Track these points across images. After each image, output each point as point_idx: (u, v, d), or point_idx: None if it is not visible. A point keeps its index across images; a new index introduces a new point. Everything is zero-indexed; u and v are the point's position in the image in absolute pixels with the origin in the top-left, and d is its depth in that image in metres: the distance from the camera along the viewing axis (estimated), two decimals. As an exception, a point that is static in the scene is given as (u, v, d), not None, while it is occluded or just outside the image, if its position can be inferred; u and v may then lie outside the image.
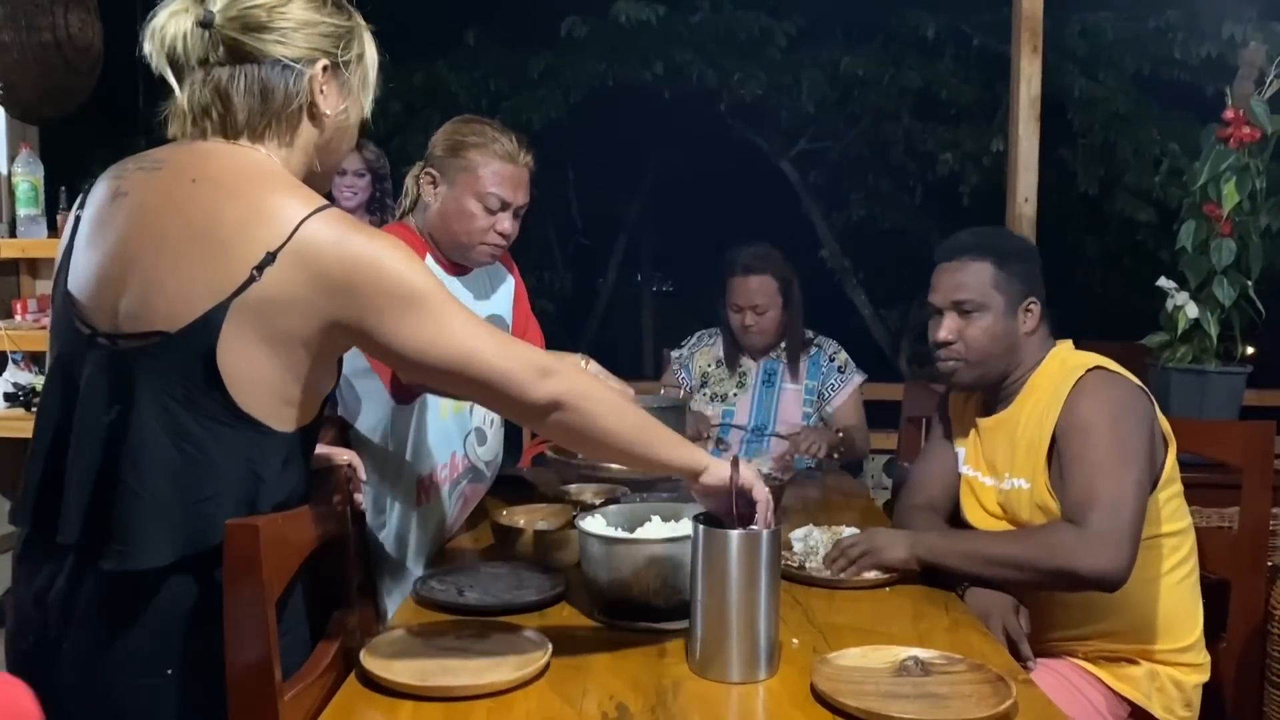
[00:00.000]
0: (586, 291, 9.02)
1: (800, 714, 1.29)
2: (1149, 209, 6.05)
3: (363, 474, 1.67)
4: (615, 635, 1.52)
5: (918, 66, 6.28)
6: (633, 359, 9.01)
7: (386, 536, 1.97)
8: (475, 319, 1.30)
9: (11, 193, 2.91)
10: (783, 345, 2.98)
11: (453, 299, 1.28)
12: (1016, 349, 1.88)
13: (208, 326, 1.18)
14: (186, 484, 1.20)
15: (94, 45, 3.03)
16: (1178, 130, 5.75)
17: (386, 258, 1.22)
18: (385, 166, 3.68)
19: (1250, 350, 2.93)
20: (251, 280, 1.18)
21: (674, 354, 3.14)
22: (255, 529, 1.17)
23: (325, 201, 1.24)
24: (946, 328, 1.89)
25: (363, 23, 1.35)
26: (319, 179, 1.35)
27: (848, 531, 1.90)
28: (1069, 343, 1.93)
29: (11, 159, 2.94)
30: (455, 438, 2.06)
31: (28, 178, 2.87)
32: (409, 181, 2.06)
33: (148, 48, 1.27)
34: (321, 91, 1.29)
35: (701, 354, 3.05)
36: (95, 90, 3.10)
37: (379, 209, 3.65)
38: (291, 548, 1.29)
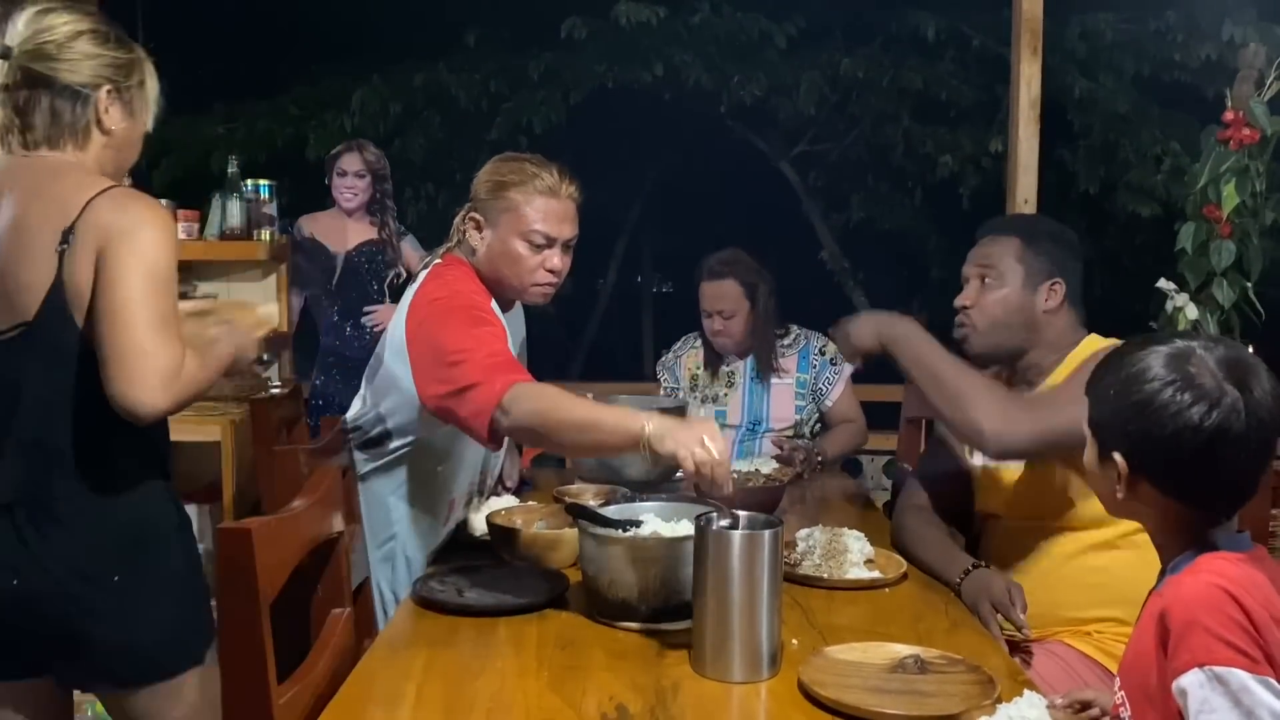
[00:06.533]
0: (587, 292, 9.01)
1: (799, 714, 1.28)
2: (1150, 205, 6.05)
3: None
4: (615, 635, 1.52)
5: (917, 68, 6.29)
6: (632, 360, 9.00)
7: (395, 551, 1.94)
8: (168, 312, 1.43)
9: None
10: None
11: (172, 289, 1.44)
12: (1034, 325, 1.88)
13: (54, 313, 1.42)
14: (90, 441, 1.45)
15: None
16: (1178, 130, 5.76)
17: (150, 227, 1.43)
18: (385, 168, 3.68)
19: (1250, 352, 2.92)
20: (62, 261, 1.41)
21: (660, 360, 3.13)
22: (248, 532, 1.17)
23: (116, 185, 1.48)
24: (965, 293, 1.93)
25: (144, 56, 1.58)
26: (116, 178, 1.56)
27: (849, 532, 1.90)
28: (1096, 336, 1.91)
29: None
30: (489, 454, 2.00)
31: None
32: (456, 222, 1.95)
33: None
34: (106, 111, 1.52)
35: (689, 356, 3.03)
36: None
37: (379, 210, 3.65)
38: (286, 549, 1.28)
